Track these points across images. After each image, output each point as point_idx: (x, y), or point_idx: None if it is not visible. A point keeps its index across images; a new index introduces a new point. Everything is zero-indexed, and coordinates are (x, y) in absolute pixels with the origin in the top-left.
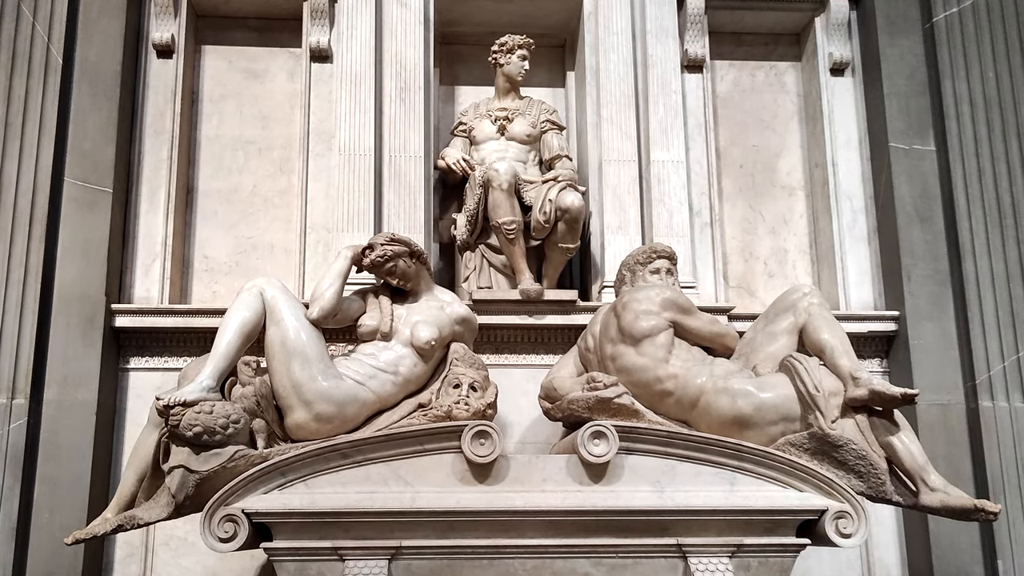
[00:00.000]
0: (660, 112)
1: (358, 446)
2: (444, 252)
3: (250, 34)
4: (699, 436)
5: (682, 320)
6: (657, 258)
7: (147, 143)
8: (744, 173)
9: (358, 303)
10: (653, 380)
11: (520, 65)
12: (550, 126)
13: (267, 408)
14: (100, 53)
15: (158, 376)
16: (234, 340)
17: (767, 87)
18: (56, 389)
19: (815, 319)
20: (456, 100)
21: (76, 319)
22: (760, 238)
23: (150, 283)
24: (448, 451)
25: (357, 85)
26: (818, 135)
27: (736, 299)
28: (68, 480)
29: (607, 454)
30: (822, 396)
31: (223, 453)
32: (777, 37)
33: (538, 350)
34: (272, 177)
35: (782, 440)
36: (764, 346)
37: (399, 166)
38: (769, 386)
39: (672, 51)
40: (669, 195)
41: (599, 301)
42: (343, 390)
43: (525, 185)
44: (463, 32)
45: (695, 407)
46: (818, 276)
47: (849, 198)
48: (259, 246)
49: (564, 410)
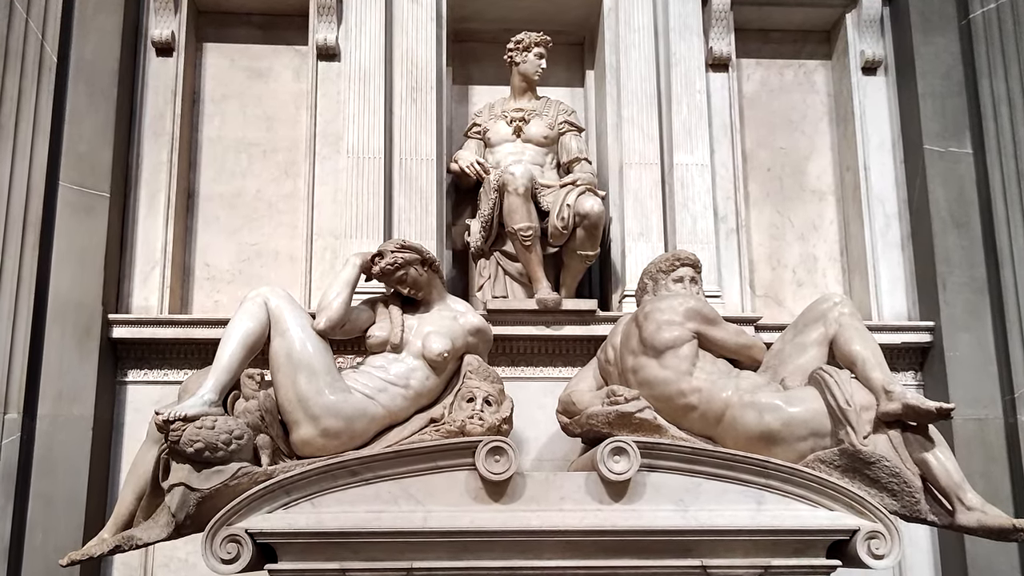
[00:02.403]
0: (684, 113)
1: (367, 463)
2: (457, 260)
3: (254, 31)
4: (725, 452)
5: (707, 331)
6: (680, 266)
7: (146, 145)
8: (772, 177)
9: (367, 313)
10: (676, 394)
11: (537, 63)
12: (568, 127)
13: (272, 423)
14: (97, 51)
15: (157, 390)
16: (237, 352)
17: (796, 87)
18: (51, 403)
19: (846, 330)
20: (470, 100)
21: (71, 330)
22: (788, 245)
23: (149, 292)
24: (461, 468)
25: (366, 84)
26: (849, 137)
27: (763, 309)
28: (63, 498)
29: (628, 471)
30: (853, 411)
31: (225, 470)
32: (806, 34)
33: (556, 362)
34: (277, 181)
35: (812, 457)
36: (793, 358)
37: (410, 169)
38: (798, 400)
39: (696, 49)
40: (693, 200)
41: (620, 311)
42: (351, 404)
43: (542, 189)
44: (477, 29)
45: (720, 422)
46: (849, 285)
47: (882, 203)
48: (263, 253)
49: (583, 425)
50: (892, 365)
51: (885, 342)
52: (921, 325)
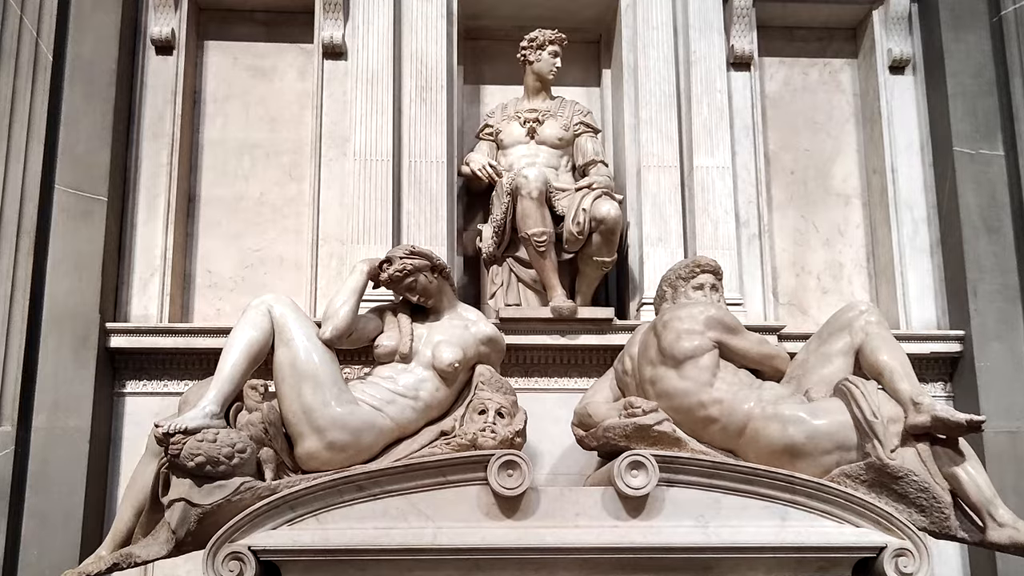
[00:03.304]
0: (704, 113)
1: (375, 478)
2: (468, 266)
3: (257, 28)
4: (747, 466)
5: (728, 340)
6: (701, 272)
7: (145, 147)
8: (795, 180)
9: (375, 322)
10: (696, 405)
11: (551, 62)
12: (584, 129)
13: (276, 436)
14: (94, 49)
15: (157, 401)
16: (240, 362)
17: (820, 86)
18: (46, 415)
19: (873, 339)
20: (482, 100)
21: (68, 339)
22: (813, 251)
23: (148, 300)
24: (473, 483)
25: (374, 84)
26: (876, 138)
27: (787, 317)
28: (59, 514)
29: (646, 486)
30: (880, 423)
31: (228, 485)
32: (832, 32)
33: (571, 373)
34: (281, 184)
35: (837, 471)
36: (817, 368)
37: (420, 172)
38: (823, 412)
39: (717, 47)
40: (714, 204)
41: (637, 319)
42: (358, 416)
43: (557, 193)
44: (489, 26)
45: (742, 435)
46: (876, 292)
47: (910, 207)
48: (267, 259)
49: (599, 438)
50: (921, 376)
51: (913, 352)
52: (951, 334)
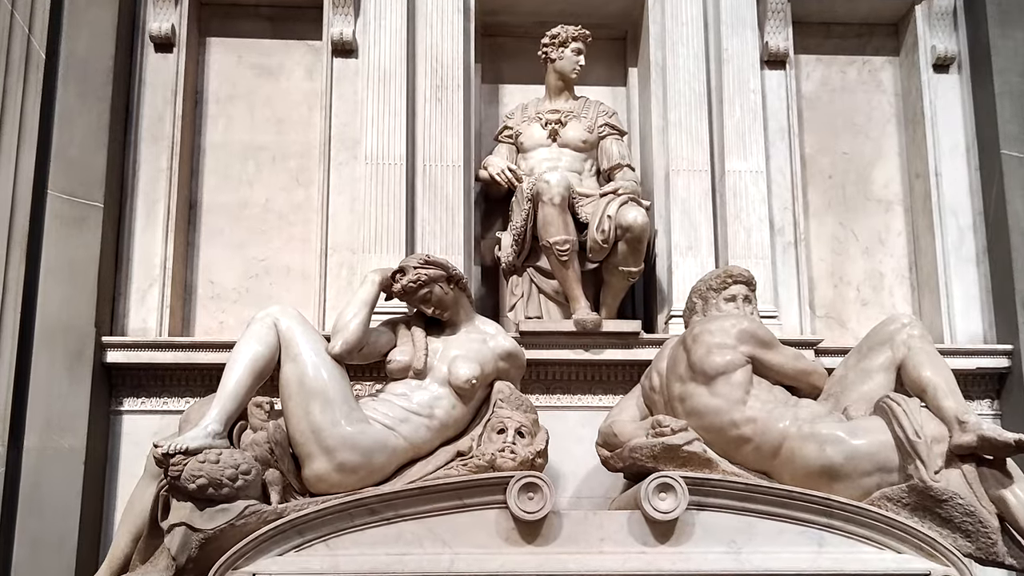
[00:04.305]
0: (736, 114)
1: (387, 501)
2: (487, 276)
3: (262, 24)
4: (782, 489)
5: (762, 355)
6: (733, 283)
7: (143, 150)
8: (833, 185)
9: (387, 336)
10: (728, 424)
11: (575, 60)
12: (609, 131)
13: (282, 457)
14: (89, 46)
15: (156, 420)
16: (244, 378)
17: (860, 85)
18: (38, 435)
19: (916, 354)
20: (500, 101)
21: (61, 354)
22: (852, 260)
23: (147, 312)
24: (491, 506)
25: (386, 83)
26: (919, 141)
27: (824, 331)
28: (52, 539)
29: (675, 510)
30: (923, 443)
31: (231, 509)
32: (872, 28)
33: (595, 390)
34: (288, 190)
35: (877, 494)
36: (857, 385)
37: (435, 177)
38: (862, 431)
39: (750, 44)
40: (747, 210)
41: (666, 333)
42: (370, 436)
43: (580, 199)
44: (508, 22)
45: (777, 456)
46: (919, 304)
47: (955, 214)
48: (272, 269)
49: (625, 459)
50: (966, 392)
51: (958, 367)
52: (998, 348)
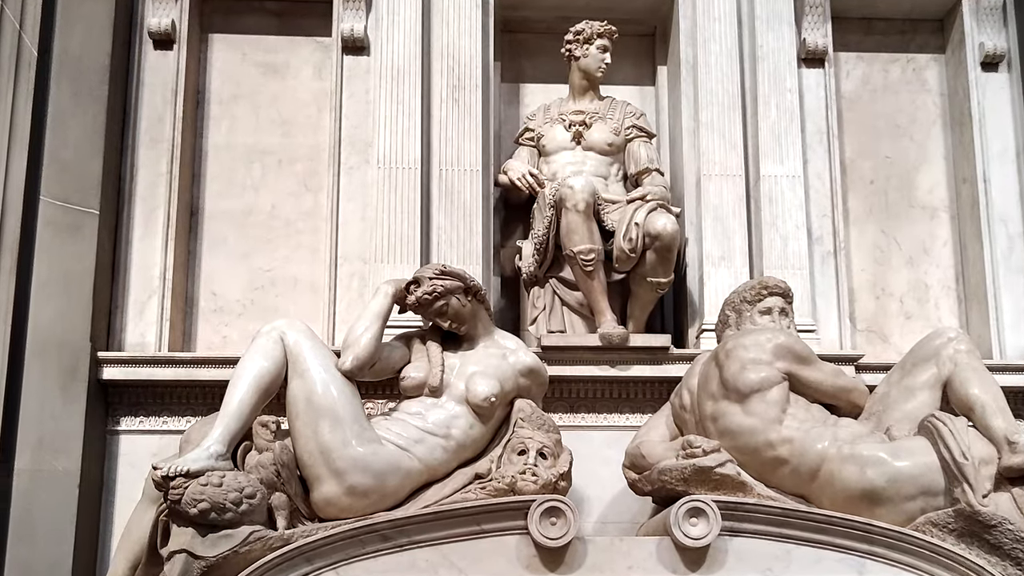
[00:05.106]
0: (772, 115)
1: (401, 526)
2: (506, 288)
3: (268, 19)
4: (820, 514)
5: (799, 371)
6: (768, 295)
7: (141, 153)
8: (875, 191)
9: (401, 351)
10: (763, 445)
11: (600, 58)
12: (637, 133)
13: (289, 479)
14: (84, 43)
15: (155, 440)
16: (248, 396)
17: (903, 85)
18: (30, 456)
19: (962, 370)
20: (521, 101)
21: (54, 370)
22: (895, 270)
23: (145, 326)
24: (511, 532)
25: (400, 82)
26: (966, 144)
27: (865, 345)
28: (45, 566)
29: (707, 536)
30: (971, 465)
31: (235, 535)
32: (916, 24)
33: (622, 408)
34: (295, 196)
35: (922, 519)
36: (900, 403)
37: (451, 182)
38: (906, 453)
39: (787, 41)
40: (783, 217)
41: (697, 348)
42: (382, 458)
43: (606, 205)
44: (530, 17)
45: (815, 478)
46: (966, 317)
47: (1004, 221)
48: (279, 280)
49: (654, 482)
50: (1016, 411)
51: (1008, 384)
52: None
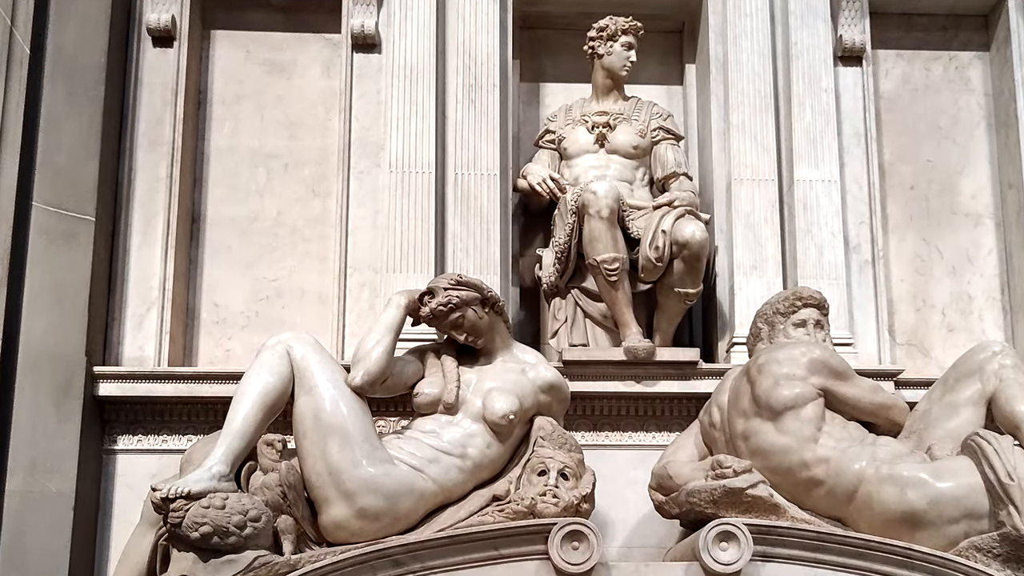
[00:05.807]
0: (807, 117)
1: (414, 551)
2: (526, 299)
3: (274, 16)
4: (857, 538)
5: (835, 387)
6: (803, 306)
7: (140, 157)
8: (916, 196)
9: (414, 365)
10: (798, 465)
11: (625, 56)
12: (663, 135)
13: (296, 501)
14: (79, 40)
15: (154, 460)
16: (253, 413)
17: (945, 84)
18: (22, 476)
19: (1008, 386)
20: (541, 101)
21: (48, 386)
22: (936, 280)
23: (144, 339)
24: (531, 557)
25: (413, 82)
26: (1012, 147)
27: (905, 360)
28: None
29: (738, 561)
30: (1017, 486)
31: (239, 560)
32: (959, 20)
33: (648, 426)
34: (302, 201)
35: (965, 543)
36: (942, 421)
37: (468, 187)
38: (948, 473)
39: (822, 38)
40: (818, 224)
41: (727, 363)
42: (395, 478)
43: (631, 212)
44: (550, 13)
45: (852, 500)
46: (1012, 330)
47: None
48: (285, 291)
49: (682, 504)
50: None
51: None
52: None
